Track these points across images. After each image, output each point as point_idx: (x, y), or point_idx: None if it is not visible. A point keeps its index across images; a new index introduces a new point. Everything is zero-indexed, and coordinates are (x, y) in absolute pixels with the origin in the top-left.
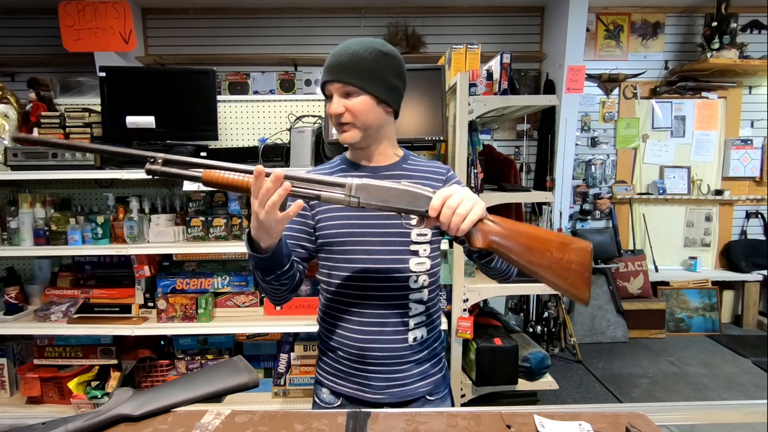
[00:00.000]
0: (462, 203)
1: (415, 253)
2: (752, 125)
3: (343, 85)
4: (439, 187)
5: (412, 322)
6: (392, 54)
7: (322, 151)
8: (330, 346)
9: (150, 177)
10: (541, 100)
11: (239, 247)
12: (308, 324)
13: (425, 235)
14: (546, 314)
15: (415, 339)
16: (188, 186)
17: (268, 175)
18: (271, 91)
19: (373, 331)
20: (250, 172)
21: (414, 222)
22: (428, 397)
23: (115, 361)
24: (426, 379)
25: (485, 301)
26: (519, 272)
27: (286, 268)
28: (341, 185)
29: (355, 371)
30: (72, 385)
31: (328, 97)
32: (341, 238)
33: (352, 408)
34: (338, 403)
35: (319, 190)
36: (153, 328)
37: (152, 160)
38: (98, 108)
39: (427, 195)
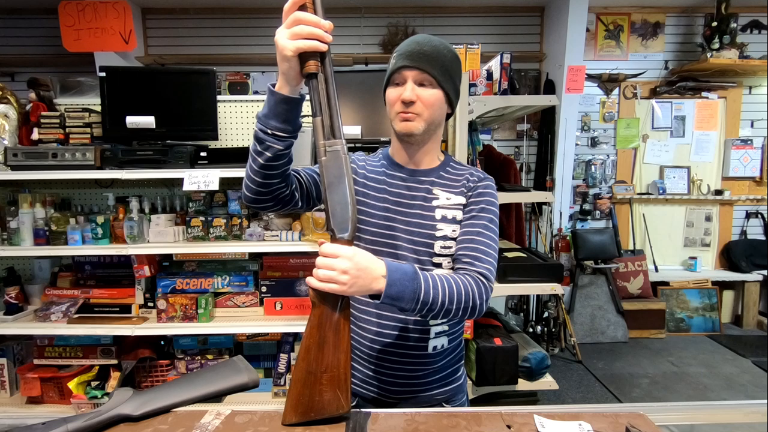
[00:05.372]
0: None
1: (439, 266)
2: (752, 125)
3: (421, 73)
4: (465, 194)
5: (433, 331)
6: (460, 60)
7: None
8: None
9: (150, 177)
10: (541, 100)
11: (239, 247)
12: None
13: (449, 247)
14: (546, 314)
15: (435, 348)
16: (188, 186)
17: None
18: None
19: (393, 335)
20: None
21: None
22: (444, 405)
23: (115, 361)
24: (444, 387)
25: None
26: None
27: (285, 141)
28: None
29: (372, 373)
30: (72, 385)
31: (395, 84)
32: (366, 235)
33: (367, 408)
34: (354, 403)
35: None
36: (153, 328)
37: None
38: (98, 108)
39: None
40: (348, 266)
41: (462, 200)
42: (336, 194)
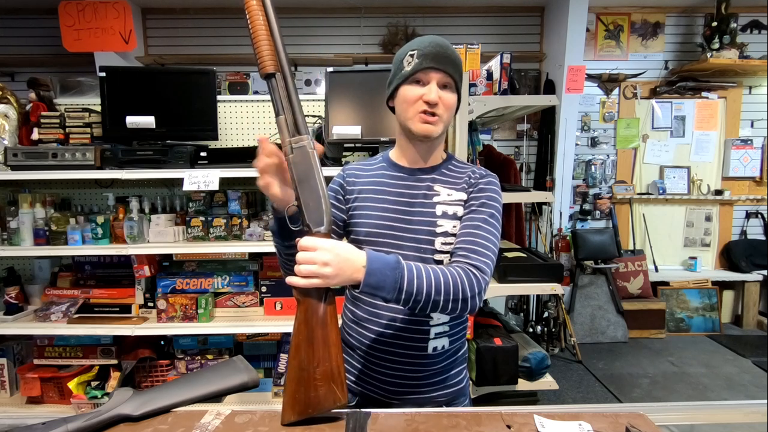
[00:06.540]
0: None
1: (441, 263)
2: (752, 125)
3: (446, 76)
4: (466, 190)
5: (433, 332)
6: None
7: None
8: (350, 342)
9: (150, 177)
10: (541, 100)
11: (239, 247)
12: None
13: (450, 244)
14: (546, 314)
15: (434, 349)
16: (188, 186)
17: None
18: None
19: (392, 334)
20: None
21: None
22: (445, 407)
23: (115, 361)
24: (445, 389)
25: (485, 301)
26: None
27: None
28: (299, 139)
29: (372, 372)
30: (72, 385)
31: (415, 83)
32: (370, 237)
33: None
34: (354, 402)
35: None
36: (153, 328)
37: None
38: (98, 108)
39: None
40: (329, 258)
41: (463, 196)
42: (307, 189)
